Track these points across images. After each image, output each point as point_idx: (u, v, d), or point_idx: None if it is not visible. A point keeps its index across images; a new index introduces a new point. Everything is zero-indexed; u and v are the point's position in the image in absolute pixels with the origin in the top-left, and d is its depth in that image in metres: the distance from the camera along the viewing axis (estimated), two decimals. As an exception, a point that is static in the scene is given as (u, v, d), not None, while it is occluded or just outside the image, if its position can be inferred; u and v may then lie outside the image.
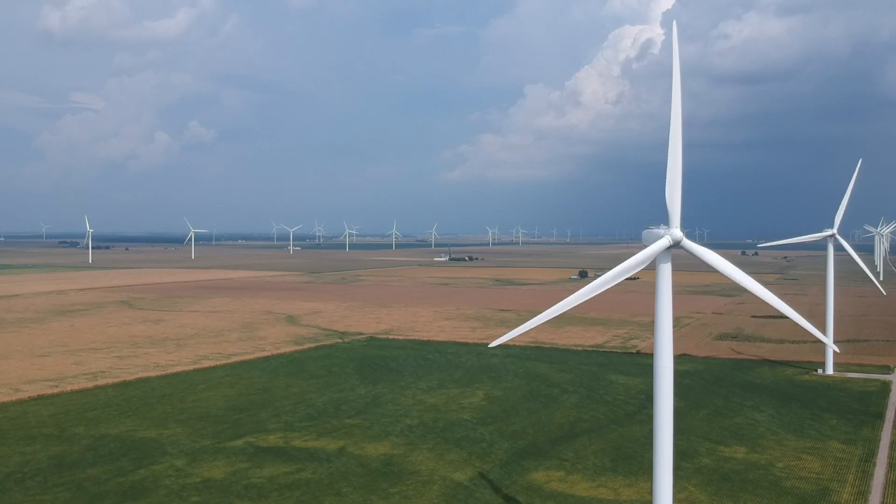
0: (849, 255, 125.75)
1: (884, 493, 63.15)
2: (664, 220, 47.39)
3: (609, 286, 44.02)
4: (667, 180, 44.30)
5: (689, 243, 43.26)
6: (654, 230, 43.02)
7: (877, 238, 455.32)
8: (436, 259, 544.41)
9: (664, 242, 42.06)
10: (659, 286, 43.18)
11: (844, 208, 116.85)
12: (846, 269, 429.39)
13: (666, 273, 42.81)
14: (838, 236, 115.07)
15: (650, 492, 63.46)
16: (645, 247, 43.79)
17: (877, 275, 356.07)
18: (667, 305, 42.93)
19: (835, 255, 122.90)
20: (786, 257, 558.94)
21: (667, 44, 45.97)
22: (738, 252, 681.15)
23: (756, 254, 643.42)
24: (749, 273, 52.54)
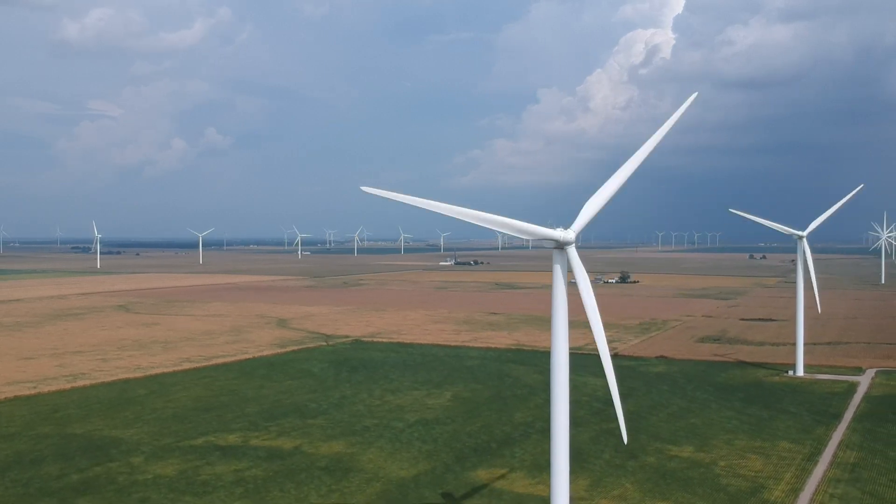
0: (857, 258, 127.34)
1: (816, 490, 64.30)
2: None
3: (487, 224, 44.70)
4: (597, 191, 45.86)
5: (572, 251, 44.54)
6: (557, 229, 44.43)
7: (884, 242, 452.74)
8: (441, 263, 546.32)
9: (554, 234, 43.43)
10: (554, 284, 44.68)
11: (824, 219, 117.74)
12: (849, 273, 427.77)
13: (559, 273, 44.27)
14: (805, 241, 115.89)
15: (585, 489, 65.19)
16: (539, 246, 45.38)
17: (878, 278, 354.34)
18: (562, 303, 44.39)
19: (843, 258, 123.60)
20: (793, 261, 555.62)
21: (676, 49, 47.71)
22: (746, 255, 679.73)
23: (763, 257, 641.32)
24: (751, 276, 53.78)
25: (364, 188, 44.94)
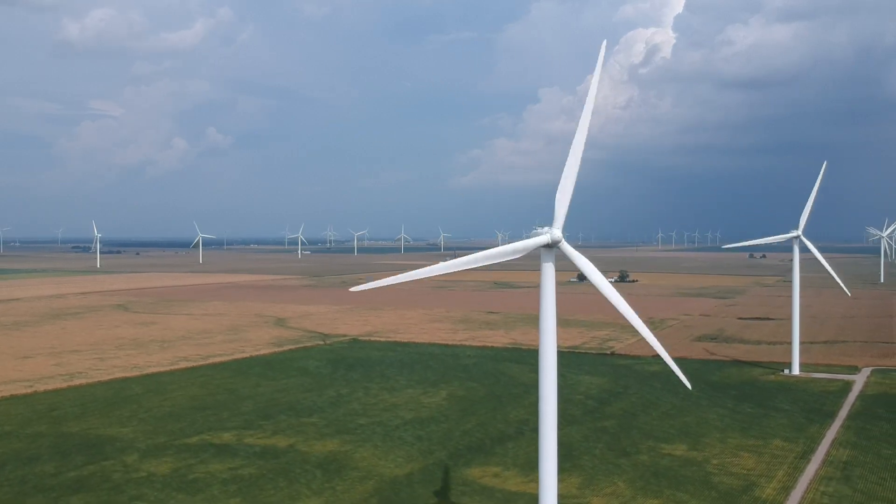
0: (857, 257, 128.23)
1: (808, 488, 64.48)
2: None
3: (473, 266, 45.99)
4: (560, 184, 46.04)
5: (566, 246, 44.84)
6: (539, 230, 44.73)
7: (883, 241, 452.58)
8: (441, 263, 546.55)
9: (543, 239, 43.72)
10: (542, 284, 44.88)
11: (809, 210, 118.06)
12: (848, 272, 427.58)
13: (549, 272, 44.47)
14: (803, 237, 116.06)
15: (577, 486, 65.41)
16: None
17: (877, 277, 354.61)
18: (550, 303, 44.58)
19: (841, 258, 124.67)
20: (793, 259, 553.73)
21: (677, 48, 47.91)
22: (746, 255, 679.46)
23: (763, 256, 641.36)
24: (750, 275, 54.35)
25: (352, 289, 50.04)
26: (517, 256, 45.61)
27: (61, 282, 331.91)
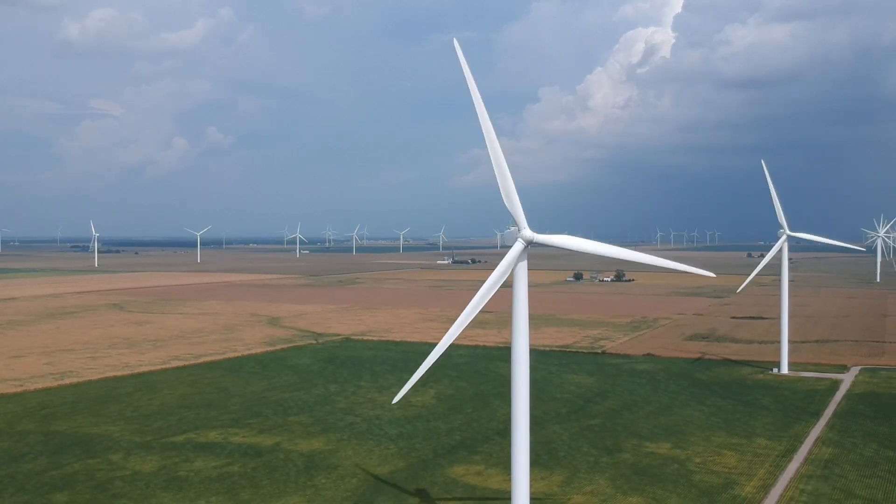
0: (855, 256, 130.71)
1: (787, 486, 64.85)
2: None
3: (475, 312, 46.56)
4: (501, 191, 46.36)
5: (541, 237, 45.24)
6: (511, 230, 45.17)
7: (880, 241, 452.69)
8: (438, 262, 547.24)
9: (519, 246, 44.21)
10: (515, 283, 45.31)
11: (810, 238, 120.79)
12: (845, 271, 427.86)
13: (522, 270, 44.89)
14: (785, 238, 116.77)
15: (559, 485, 65.82)
16: (507, 245, 46.16)
17: (874, 277, 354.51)
18: (523, 301, 45.00)
19: (841, 257, 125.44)
20: (791, 259, 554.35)
21: (676, 48, 48.37)
22: (745, 254, 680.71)
23: (762, 256, 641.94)
24: (747, 274, 54.35)
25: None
26: (508, 274, 46.14)
27: (58, 281, 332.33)
